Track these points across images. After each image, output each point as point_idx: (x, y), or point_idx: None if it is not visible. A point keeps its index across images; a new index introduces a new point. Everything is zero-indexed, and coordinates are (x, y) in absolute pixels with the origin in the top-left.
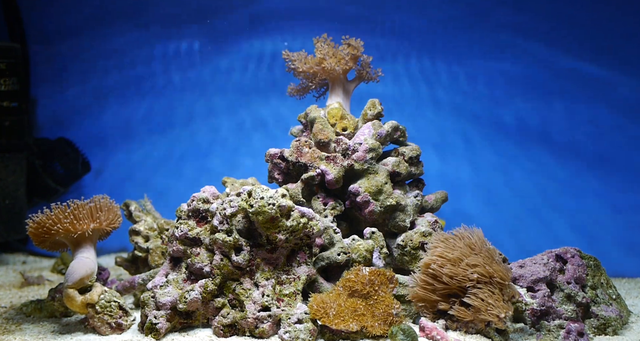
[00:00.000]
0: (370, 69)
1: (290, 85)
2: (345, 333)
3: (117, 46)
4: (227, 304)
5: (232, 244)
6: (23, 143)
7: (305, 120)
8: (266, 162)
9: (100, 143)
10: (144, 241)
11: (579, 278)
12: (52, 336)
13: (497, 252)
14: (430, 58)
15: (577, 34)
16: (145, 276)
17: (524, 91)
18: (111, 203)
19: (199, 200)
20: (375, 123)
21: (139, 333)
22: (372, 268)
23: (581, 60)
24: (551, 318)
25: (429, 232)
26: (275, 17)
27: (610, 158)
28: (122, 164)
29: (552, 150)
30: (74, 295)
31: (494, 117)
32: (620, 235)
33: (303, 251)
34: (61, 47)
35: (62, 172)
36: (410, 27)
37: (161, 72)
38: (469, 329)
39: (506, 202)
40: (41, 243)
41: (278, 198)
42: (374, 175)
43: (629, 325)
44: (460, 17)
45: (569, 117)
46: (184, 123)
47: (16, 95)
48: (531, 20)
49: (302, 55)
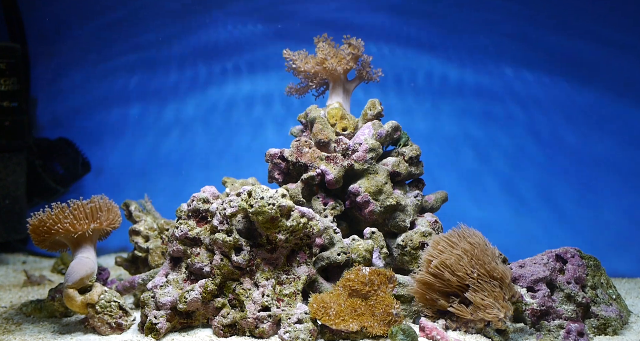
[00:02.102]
0: (371, 68)
1: (290, 84)
2: (345, 333)
3: (117, 46)
4: (227, 304)
5: (232, 244)
6: (23, 143)
7: (305, 120)
8: (266, 162)
9: (100, 143)
10: (144, 241)
11: (579, 278)
12: (52, 336)
13: (497, 251)
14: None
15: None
16: (145, 276)
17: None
18: (111, 203)
19: (199, 200)
20: (375, 123)
21: (139, 333)
22: (372, 268)
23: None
24: (551, 318)
25: (429, 232)
26: (276, 16)
27: (611, 159)
28: (122, 164)
29: (552, 151)
30: (74, 295)
31: (493, 114)
32: (620, 235)
33: (303, 251)
34: (61, 47)
35: (62, 172)
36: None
37: (161, 73)
38: (468, 329)
39: (506, 201)
40: (41, 243)
41: (278, 198)
42: (374, 175)
43: (629, 325)
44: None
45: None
46: (184, 123)
47: (16, 95)
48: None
49: (303, 54)
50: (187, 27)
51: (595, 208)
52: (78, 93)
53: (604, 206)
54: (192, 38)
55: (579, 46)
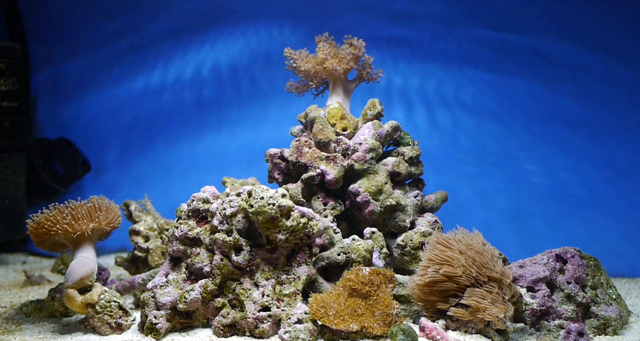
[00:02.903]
0: (371, 69)
1: (290, 81)
2: (345, 333)
3: (117, 46)
4: (227, 304)
5: (232, 244)
6: (23, 143)
7: (305, 120)
8: (266, 162)
9: (100, 143)
10: (144, 241)
11: (579, 278)
12: (52, 336)
13: (497, 251)
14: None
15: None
16: (145, 276)
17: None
18: (110, 203)
19: (199, 200)
20: (375, 123)
21: (139, 333)
22: (372, 268)
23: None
24: (551, 318)
25: (429, 232)
26: (276, 16)
27: (610, 159)
28: (122, 164)
29: (553, 150)
30: (74, 295)
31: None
32: (620, 235)
33: (303, 251)
34: (61, 47)
35: (62, 172)
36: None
37: (161, 73)
38: (468, 329)
39: (506, 201)
40: (41, 244)
41: (278, 198)
42: (374, 175)
43: (629, 325)
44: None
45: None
46: (184, 123)
47: (16, 95)
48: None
49: (304, 54)
50: (187, 27)
51: (595, 209)
52: (78, 93)
53: (604, 206)
54: (193, 38)
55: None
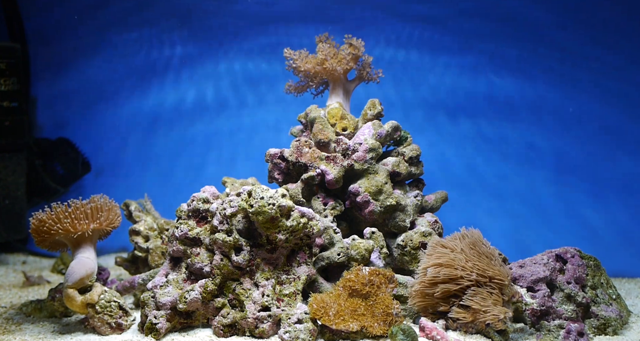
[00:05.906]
0: (371, 69)
1: (289, 82)
2: (345, 333)
3: (118, 46)
4: (227, 304)
5: (232, 244)
6: (23, 143)
7: (305, 120)
8: (266, 162)
9: (101, 143)
10: (144, 241)
11: (579, 278)
12: (52, 336)
13: (496, 252)
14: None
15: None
16: (145, 276)
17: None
18: (111, 202)
19: (199, 200)
20: (375, 123)
21: (139, 333)
22: (372, 268)
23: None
24: (551, 318)
25: (429, 232)
26: (276, 16)
27: (612, 160)
28: (122, 164)
29: (553, 152)
30: (74, 295)
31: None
32: (620, 235)
33: (303, 251)
34: (61, 47)
35: (62, 172)
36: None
37: (161, 73)
38: (468, 329)
39: (506, 201)
40: (41, 243)
41: (278, 198)
42: (374, 175)
43: (629, 325)
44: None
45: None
46: (185, 124)
47: (16, 95)
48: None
49: (304, 54)
50: (187, 27)
51: (595, 208)
52: (78, 93)
53: (604, 206)
54: (192, 38)
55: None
